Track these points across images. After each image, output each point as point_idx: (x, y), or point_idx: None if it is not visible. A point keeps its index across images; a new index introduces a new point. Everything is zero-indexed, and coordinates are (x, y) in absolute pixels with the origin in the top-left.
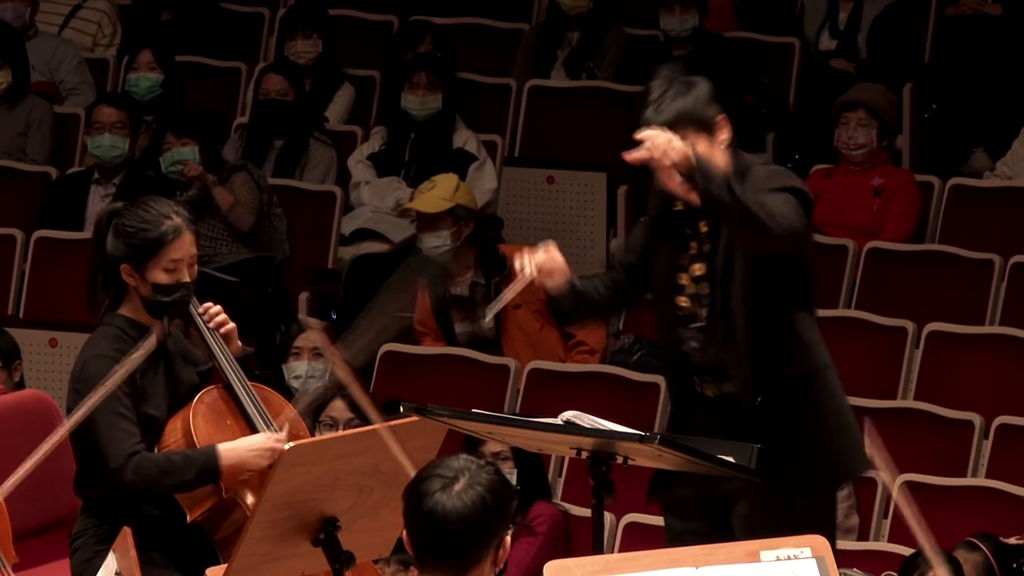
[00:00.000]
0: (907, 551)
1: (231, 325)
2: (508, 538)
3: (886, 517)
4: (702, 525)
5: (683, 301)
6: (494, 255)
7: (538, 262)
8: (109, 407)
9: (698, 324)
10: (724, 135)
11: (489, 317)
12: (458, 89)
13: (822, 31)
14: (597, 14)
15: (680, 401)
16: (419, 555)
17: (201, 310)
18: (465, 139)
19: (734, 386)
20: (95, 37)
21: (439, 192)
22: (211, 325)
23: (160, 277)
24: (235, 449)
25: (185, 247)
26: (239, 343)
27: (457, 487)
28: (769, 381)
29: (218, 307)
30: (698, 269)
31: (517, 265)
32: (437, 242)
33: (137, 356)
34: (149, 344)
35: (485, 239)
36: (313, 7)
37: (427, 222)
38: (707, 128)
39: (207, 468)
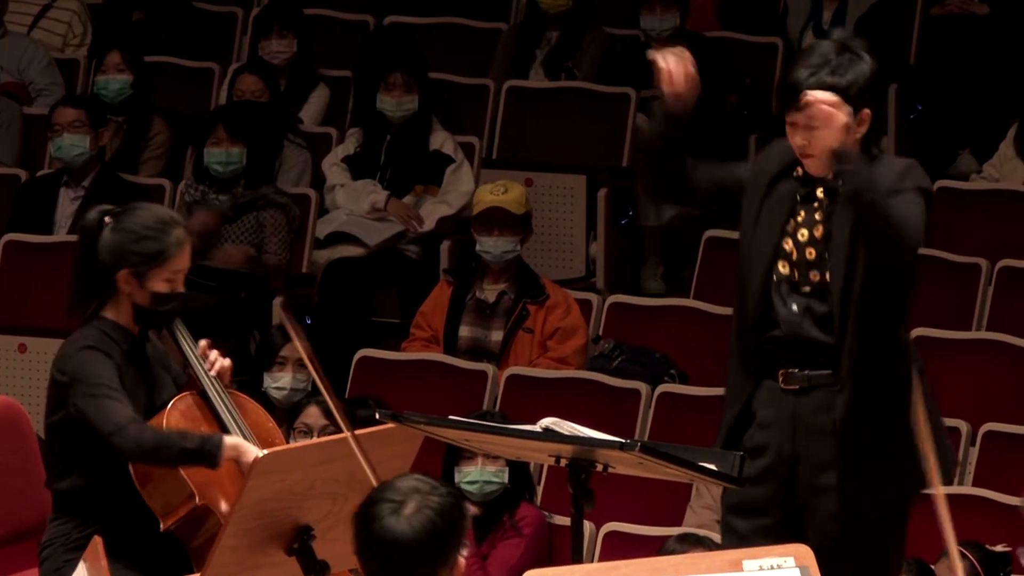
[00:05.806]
0: None
1: (227, 363)
2: (463, 559)
3: None
4: (769, 523)
5: (783, 267)
6: (534, 278)
7: (673, 59)
8: (92, 393)
9: (799, 289)
10: (863, 128)
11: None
12: (434, 90)
13: (806, 31)
14: (576, 13)
15: (747, 399)
16: None
17: (199, 352)
18: (442, 141)
19: (825, 369)
20: (65, 37)
21: (515, 196)
22: (212, 373)
23: (160, 287)
24: (240, 443)
25: (187, 258)
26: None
27: (407, 511)
28: (867, 370)
29: (215, 354)
30: (803, 235)
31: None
32: (508, 247)
33: None
34: None
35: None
36: (288, 6)
37: (498, 225)
38: (852, 112)
39: (207, 442)
